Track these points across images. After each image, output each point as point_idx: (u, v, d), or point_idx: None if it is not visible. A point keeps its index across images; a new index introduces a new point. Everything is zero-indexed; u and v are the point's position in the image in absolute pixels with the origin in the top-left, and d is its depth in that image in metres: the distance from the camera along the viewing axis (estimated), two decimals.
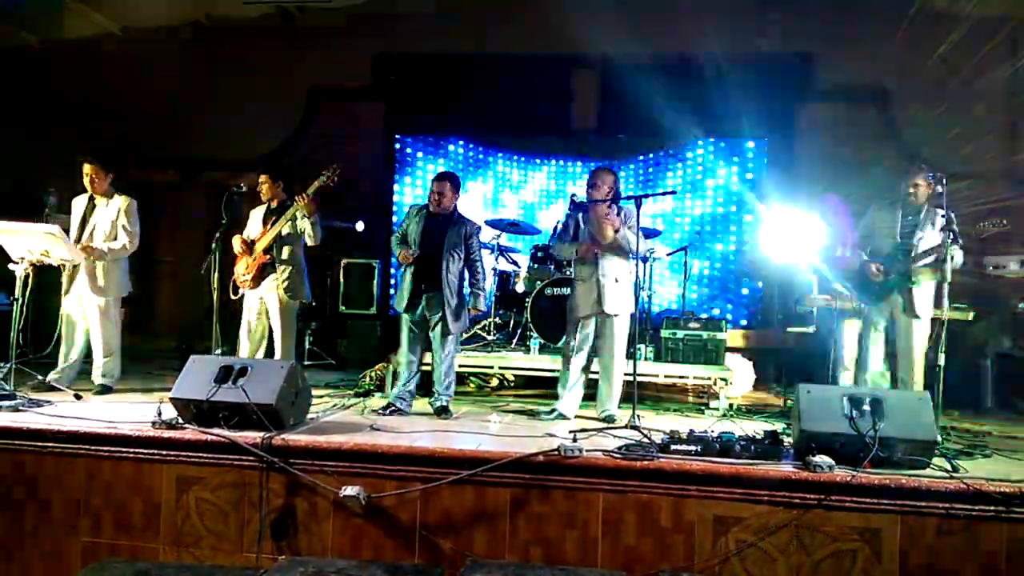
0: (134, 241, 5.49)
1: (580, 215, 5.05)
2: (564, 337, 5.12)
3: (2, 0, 6.30)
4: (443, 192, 5.00)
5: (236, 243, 5.47)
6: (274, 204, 5.54)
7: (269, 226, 5.43)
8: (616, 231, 4.80)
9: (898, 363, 4.96)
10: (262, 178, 5.55)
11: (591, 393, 5.11)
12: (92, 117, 8.72)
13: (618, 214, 4.83)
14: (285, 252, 5.43)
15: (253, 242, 5.45)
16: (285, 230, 5.39)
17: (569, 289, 5.23)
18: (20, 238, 4.85)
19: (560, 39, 8.30)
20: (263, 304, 5.46)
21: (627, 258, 4.95)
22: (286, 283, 5.40)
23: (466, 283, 5.14)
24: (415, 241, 5.00)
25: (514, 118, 8.54)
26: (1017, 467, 3.87)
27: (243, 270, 5.44)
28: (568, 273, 6.11)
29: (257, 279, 5.42)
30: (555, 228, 6.28)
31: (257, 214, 5.59)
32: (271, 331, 5.50)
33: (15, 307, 4.78)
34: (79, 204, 5.45)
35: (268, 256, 5.39)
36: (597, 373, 5.08)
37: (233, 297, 5.49)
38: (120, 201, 5.45)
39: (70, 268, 5.28)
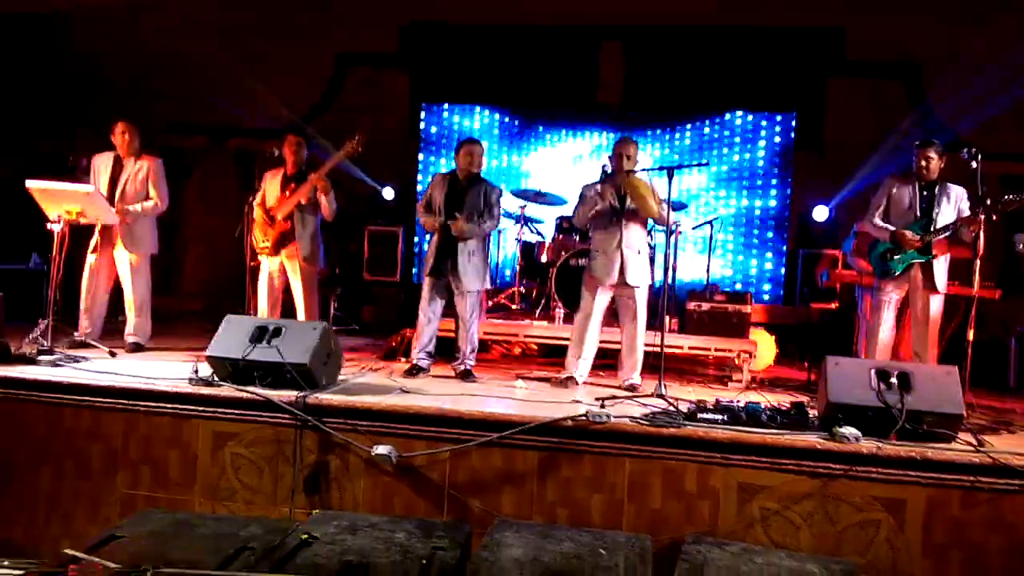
0: (165, 200, 5.58)
1: (599, 186, 5.06)
2: (579, 304, 5.12)
3: None
4: (473, 153, 5.06)
5: (256, 210, 5.48)
6: (291, 171, 5.48)
7: (288, 193, 5.42)
8: (657, 201, 4.82)
9: (912, 337, 4.96)
10: (294, 139, 5.51)
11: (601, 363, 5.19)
12: (120, 82, 8.78)
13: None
14: (304, 220, 5.44)
15: (270, 210, 5.44)
16: (304, 200, 5.40)
17: None
18: (58, 198, 4.92)
19: (588, 9, 8.28)
20: (282, 269, 5.51)
21: (646, 230, 5.03)
22: (305, 250, 5.44)
23: (487, 241, 5.20)
24: (439, 208, 5.05)
25: (540, 89, 8.52)
26: None
27: (262, 237, 5.46)
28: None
29: (277, 246, 5.43)
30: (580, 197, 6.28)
31: (275, 180, 5.51)
32: (288, 295, 5.57)
33: (52, 265, 4.86)
34: (103, 163, 5.49)
35: (288, 224, 5.41)
36: (616, 343, 5.15)
37: (252, 264, 5.53)
38: (148, 161, 5.51)
39: (100, 226, 5.35)
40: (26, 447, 4.11)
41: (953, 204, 4.88)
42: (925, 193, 4.91)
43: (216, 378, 4.12)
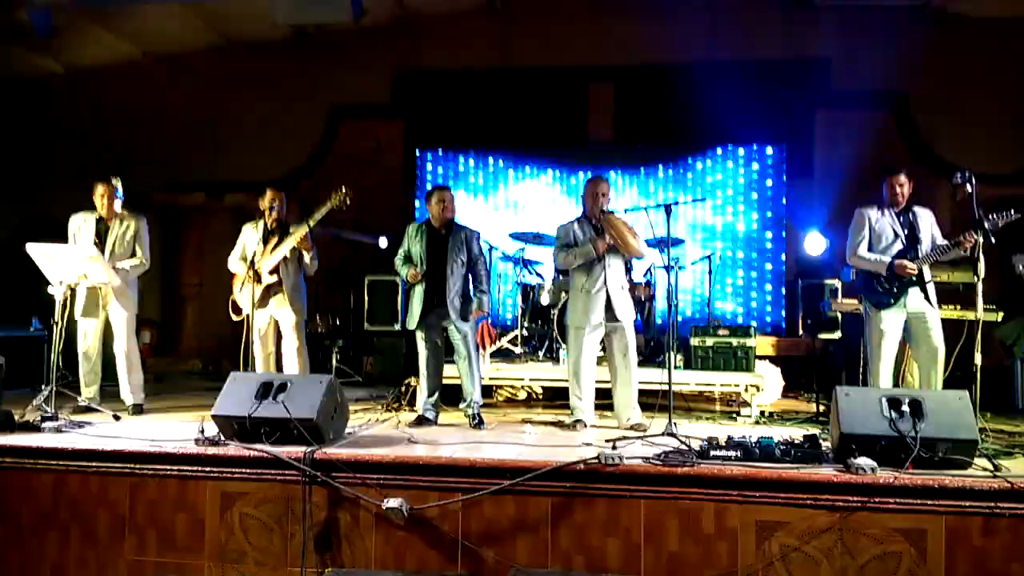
0: (148, 258, 5.58)
1: (577, 225, 5.09)
2: (568, 349, 5.13)
3: (34, 26, 6.42)
4: (445, 200, 5.11)
5: (238, 265, 5.46)
6: (271, 224, 5.45)
7: (271, 247, 5.39)
8: (636, 239, 4.88)
9: (924, 360, 4.93)
10: (272, 193, 5.47)
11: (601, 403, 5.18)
12: (115, 143, 8.88)
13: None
14: (288, 271, 5.42)
15: (253, 264, 5.31)
16: (288, 252, 5.38)
17: None
18: (60, 262, 4.92)
19: (576, 51, 8.44)
20: (272, 321, 5.48)
21: (626, 267, 5.11)
22: (293, 301, 5.43)
23: (470, 286, 5.22)
24: (421, 259, 5.09)
25: (533, 131, 8.65)
26: None
27: (249, 291, 5.40)
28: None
29: (264, 299, 5.39)
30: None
31: (254, 232, 5.47)
32: (279, 348, 5.54)
33: (55, 330, 4.84)
34: (83, 223, 5.45)
35: (275, 277, 5.38)
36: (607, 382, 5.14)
37: (236, 318, 5.47)
38: (134, 220, 5.52)
39: (86, 289, 5.30)
40: (32, 514, 4.04)
41: (929, 226, 4.97)
42: (902, 220, 4.97)
43: (223, 437, 4.08)
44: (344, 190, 5.27)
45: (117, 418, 4.97)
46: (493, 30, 8.59)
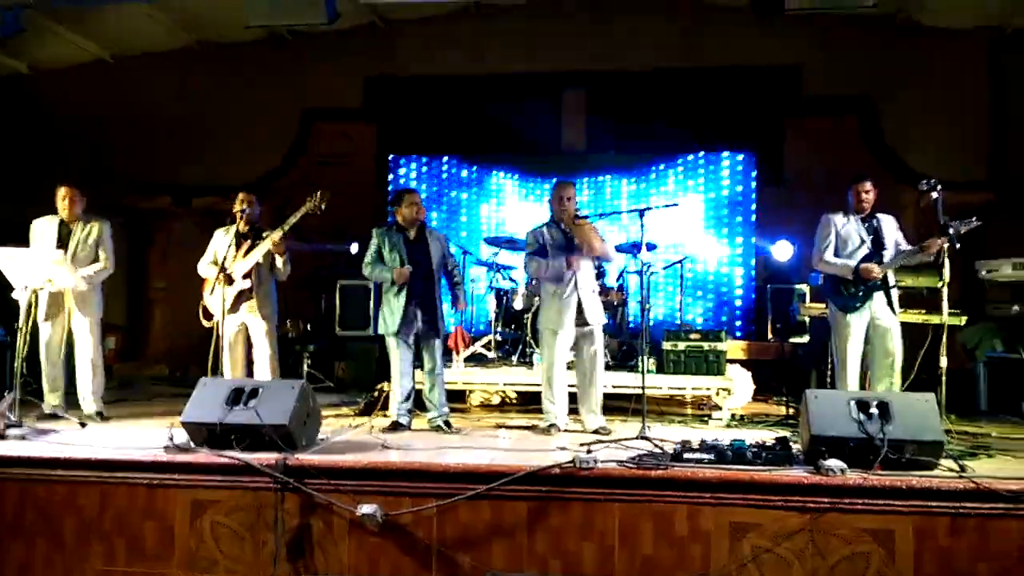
0: (112, 262, 5.49)
1: (546, 230, 5.10)
2: (542, 353, 5.14)
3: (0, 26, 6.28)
4: (418, 202, 5.11)
5: (209, 269, 5.36)
6: (243, 228, 5.37)
7: (243, 251, 5.31)
8: (601, 242, 4.95)
9: (880, 365, 5.03)
10: (245, 196, 5.39)
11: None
12: (82, 145, 8.72)
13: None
14: (260, 276, 5.35)
15: (225, 268, 5.26)
16: (261, 257, 5.32)
17: None
18: (24, 266, 4.82)
19: (549, 57, 8.48)
20: (242, 327, 5.40)
21: (597, 271, 5.14)
22: (265, 306, 5.36)
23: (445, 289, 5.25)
24: (403, 261, 5.02)
25: (505, 137, 8.63)
26: (1022, 466, 3.94)
27: (220, 296, 5.34)
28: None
29: (235, 305, 5.30)
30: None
31: (225, 236, 5.38)
32: (250, 354, 5.47)
33: (20, 336, 4.75)
34: (45, 227, 5.35)
35: (247, 281, 5.30)
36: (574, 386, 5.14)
37: (207, 324, 5.38)
38: (98, 224, 5.43)
39: (48, 294, 5.18)
40: None
41: (893, 231, 5.09)
42: (867, 226, 5.08)
43: (193, 444, 4.02)
44: (319, 194, 5.21)
45: (83, 425, 4.89)
46: (467, 35, 8.59)
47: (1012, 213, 7.33)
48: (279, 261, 5.31)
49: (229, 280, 5.21)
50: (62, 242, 5.31)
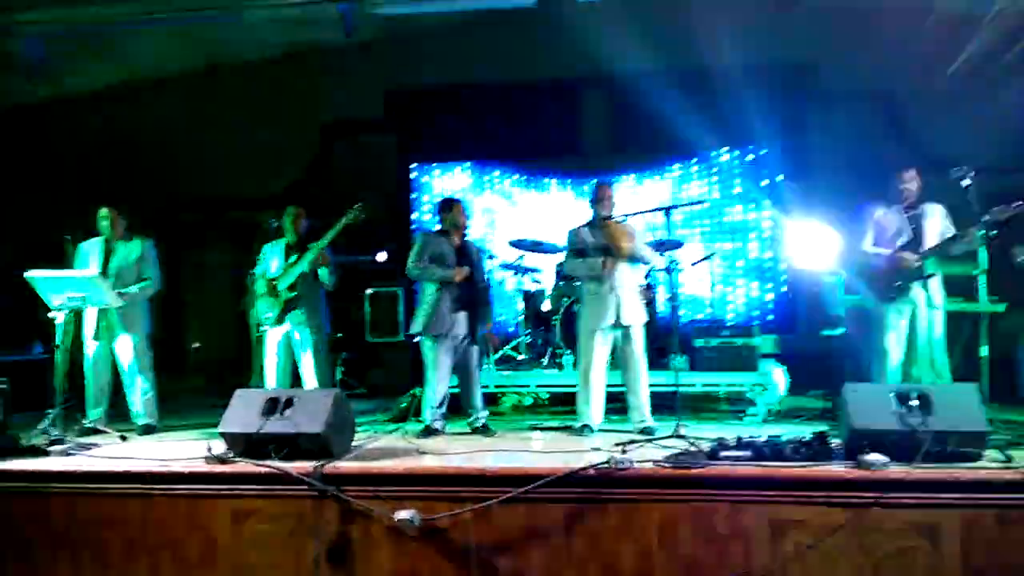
0: (159, 280, 5.62)
1: (586, 230, 5.10)
2: (578, 353, 5.11)
3: (26, 54, 6.43)
4: (466, 215, 5.27)
5: (258, 282, 5.51)
6: (292, 241, 5.54)
7: (290, 262, 5.45)
8: (631, 242, 4.89)
9: (922, 356, 4.94)
10: (294, 210, 5.57)
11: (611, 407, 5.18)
12: (109, 168, 8.87)
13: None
14: (308, 287, 5.45)
15: (272, 280, 5.46)
16: (307, 268, 5.42)
17: None
18: (58, 286, 4.91)
19: (568, 61, 8.46)
20: (288, 340, 5.49)
21: (637, 269, 5.13)
22: (312, 317, 5.45)
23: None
24: (452, 264, 5.10)
25: (526, 142, 8.68)
26: None
27: (267, 308, 5.46)
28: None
29: (283, 315, 5.43)
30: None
31: (275, 250, 5.57)
32: (295, 365, 5.53)
33: (57, 353, 4.83)
34: (91, 249, 5.51)
35: (293, 293, 5.42)
36: (619, 386, 5.11)
37: (256, 335, 5.53)
38: (139, 243, 5.56)
39: (96, 312, 5.34)
40: (43, 539, 4.01)
41: (937, 221, 4.97)
42: (909, 216, 4.98)
43: (231, 454, 4.07)
44: (358, 206, 5.32)
45: (124, 439, 4.97)
46: (483, 42, 8.59)
47: None
48: (325, 272, 5.37)
49: (274, 292, 5.33)
50: (105, 262, 5.43)
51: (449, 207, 5.25)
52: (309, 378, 5.45)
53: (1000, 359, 6.30)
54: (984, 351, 4.33)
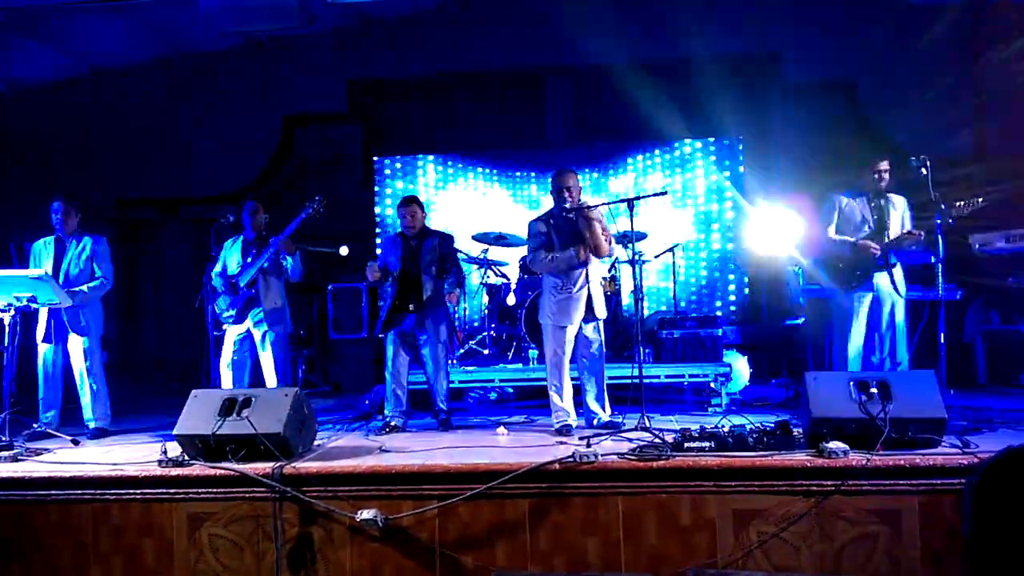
0: (111, 279, 5.45)
1: (551, 221, 4.93)
2: (548, 348, 4.93)
3: None
4: (413, 214, 5.18)
5: (216, 279, 5.38)
6: (251, 236, 5.42)
7: (250, 259, 5.34)
8: (605, 232, 4.81)
9: (887, 345, 5.02)
10: (252, 205, 5.46)
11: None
12: (65, 161, 8.63)
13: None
14: (268, 284, 5.33)
15: (232, 277, 5.34)
16: (266, 264, 5.30)
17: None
18: (5, 285, 4.75)
19: (532, 50, 8.42)
20: (248, 337, 5.37)
21: (604, 262, 5.09)
22: (272, 315, 5.33)
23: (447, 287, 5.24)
24: (396, 268, 5.13)
25: (491, 132, 8.62)
26: None
27: (225, 305, 5.34)
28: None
29: (241, 314, 5.31)
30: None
31: (234, 247, 5.44)
32: (257, 364, 5.42)
33: (4, 356, 4.67)
34: (44, 247, 5.33)
35: (253, 291, 5.30)
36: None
37: (215, 333, 5.39)
38: (91, 240, 5.38)
39: (46, 313, 5.17)
40: None
41: (900, 212, 5.06)
42: (873, 205, 5.05)
43: (186, 457, 3.96)
44: (318, 199, 5.25)
45: (76, 443, 4.82)
46: (447, 32, 8.52)
47: (1000, 186, 7.30)
48: (289, 262, 5.28)
49: (234, 289, 5.20)
50: (56, 259, 5.26)
51: (398, 209, 5.25)
52: (270, 376, 5.34)
53: (957, 346, 6.44)
54: (942, 338, 4.37)
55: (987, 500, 1.50)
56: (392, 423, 5.00)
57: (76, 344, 5.26)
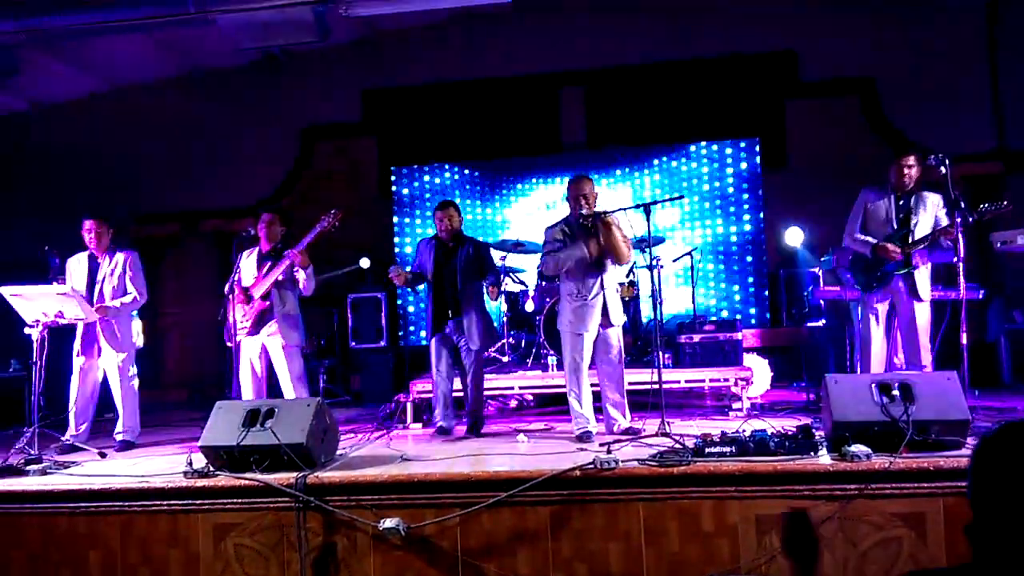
0: (144, 294, 5.53)
1: (565, 227, 4.92)
2: (566, 355, 4.91)
3: None
4: (450, 217, 5.22)
5: (233, 291, 5.37)
6: (265, 248, 5.45)
7: (264, 271, 5.37)
8: (624, 235, 4.81)
9: (904, 347, 4.96)
10: (267, 216, 5.49)
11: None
12: (87, 178, 8.77)
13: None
14: (282, 297, 5.36)
15: (247, 289, 5.37)
16: (281, 276, 5.33)
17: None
18: (34, 301, 4.84)
19: (544, 57, 8.46)
20: (263, 349, 5.40)
21: (621, 268, 5.08)
22: (286, 328, 5.35)
23: (487, 296, 5.28)
24: (430, 271, 5.20)
25: (506, 140, 8.65)
26: None
27: (240, 317, 5.36)
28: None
29: (256, 326, 5.33)
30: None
31: (250, 259, 5.48)
32: (274, 376, 5.45)
33: (33, 370, 4.76)
34: (78, 264, 5.43)
35: (267, 302, 5.33)
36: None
37: (229, 345, 5.42)
38: (123, 256, 5.47)
39: (82, 327, 5.27)
40: (20, 560, 3.95)
41: (930, 212, 4.91)
42: (901, 203, 4.95)
43: (212, 468, 4.01)
44: (333, 213, 5.27)
45: (103, 455, 4.88)
46: (460, 41, 8.58)
47: (1021, 182, 7.24)
48: (302, 275, 5.32)
49: (248, 300, 5.27)
50: (91, 276, 5.35)
51: (434, 213, 5.30)
52: (287, 388, 5.38)
53: (981, 345, 6.37)
54: (964, 338, 4.33)
55: (985, 467, 1.57)
56: (441, 425, 5.13)
57: (110, 358, 5.34)
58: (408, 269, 5.26)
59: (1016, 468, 1.53)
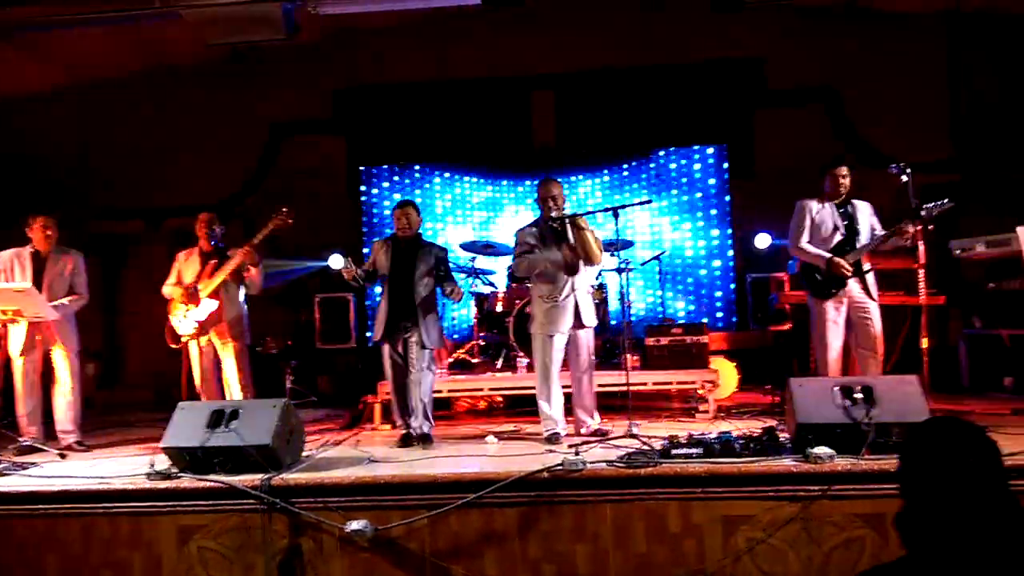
0: (86, 293, 5.42)
1: (536, 230, 4.95)
2: (537, 357, 4.91)
3: None
4: (408, 216, 5.05)
5: (174, 291, 5.34)
6: (206, 248, 5.38)
7: (211, 271, 5.29)
8: (595, 238, 4.84)
9: (859, 349, 5.03)
10: (205, 216, 5.42)
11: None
12: (48, 173, 8.57)
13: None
14: (229, 296, 5.30)
15: (192, 287, 5.29)
16: (230, 275, 5.26)
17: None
18: None
19: (515, 60, 8.47)
20: (211, 347, 5.33)
21: (592, 270, 5.08)
22: (234, 327, 5.30)
23: (439, 302, 5.16)
24: (387, 269, 5.01)
25: (476, 141, 8.62)
26: (1008, 442, 3.95)
27: (186, 317, 5.28)
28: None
29: (204, 326, 5.25)
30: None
31: (191, 259, 5.41)
32: (225, 375, 5.39)
33: None
34: (17, 259, 5.24)
35: (215, 301, 5.24)
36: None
37: (174, 346, 5.34)
38: (72, 255, 5.36)
39: (26, 326, 5.08)
40: None
41: (867, 218, 5.05)
42: (843, 211, 5.05)
43: (175, 470, 3.95)
44: (286, 210, 5.19)
45: (63, 456, 4.79)
46: (431, 42, 8.55)
47: (978, 191, 7.41)
48: (252, 272, 5.25)
49: (195, 300, 5.17)
50: (36, 275, 5.20)
51: (393, 211, 5.14)
52: (233, 388, 5.30)
53: (940, 350, 6.50)
54: (924, 342, 4.42)
55: (913, 458, 1.66)
56: (406, 433, 4.85)
57: (60, 357, 5.21)
58: (359, 269, 4.96)
59: (941, 459, 1.61)
